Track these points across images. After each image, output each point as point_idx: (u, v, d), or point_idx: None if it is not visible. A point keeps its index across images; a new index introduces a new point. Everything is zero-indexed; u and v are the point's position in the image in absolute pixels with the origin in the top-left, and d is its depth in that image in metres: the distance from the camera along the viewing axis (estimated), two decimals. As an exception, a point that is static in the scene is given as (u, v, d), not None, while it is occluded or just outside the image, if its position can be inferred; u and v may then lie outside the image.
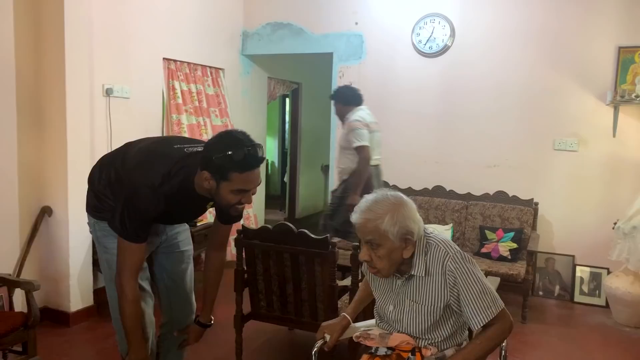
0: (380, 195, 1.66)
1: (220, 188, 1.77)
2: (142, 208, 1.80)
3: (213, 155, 1.73)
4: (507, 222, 4.42)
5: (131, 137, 4.13)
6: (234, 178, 1.74)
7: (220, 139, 1.78)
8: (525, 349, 3.47)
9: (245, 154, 1.71)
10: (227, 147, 1.72)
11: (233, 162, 1.71)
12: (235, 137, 1.77)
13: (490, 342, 1.59)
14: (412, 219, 1.62)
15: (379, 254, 1.64)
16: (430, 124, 4.90)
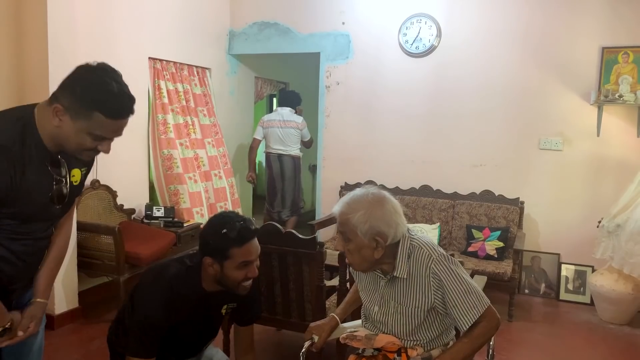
0: (364, 191, 1.67)
1: (224, 268, 1.78)
2: (152, 316, 1.76)
3: (209, 239, 1.79)
4: (494, 221, 4.45)
5: (116, 138, 4.14)
6: (235, 254, 1.76)
7: (211, 223, 1.83)
8: (511, 347, 3.50)
9: (239, 229, 1.76)
10: (220, 227, 1.77)
11: (229, 239, 1.75)
12: (225, 216, 1.83)
13: (477, 340, 1.60)
14: (387, 221, 1.62)
15: (349, 247, 1.66)
16: (417, 123, 4.92)
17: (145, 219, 4.34)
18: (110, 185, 4.10)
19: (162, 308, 1.76)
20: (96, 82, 1.49)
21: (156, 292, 1.78)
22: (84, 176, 1.75)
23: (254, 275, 1.84)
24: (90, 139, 1.51)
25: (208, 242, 1.79)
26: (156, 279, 1.84)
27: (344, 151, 5.20)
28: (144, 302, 1.79)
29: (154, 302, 1.77)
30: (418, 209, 4.71)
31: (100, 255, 3.67)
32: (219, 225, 1.78)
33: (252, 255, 1.81)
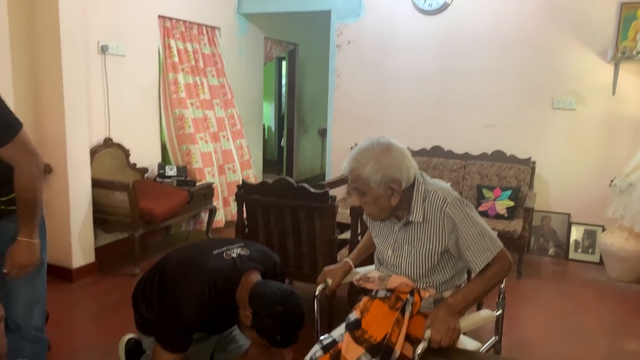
0: (369, 143, 1.66)
1: (254, 338, 1.79)
2: (188, 319, 1.77)
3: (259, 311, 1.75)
4: (505, 181, 4.45)
5: (128, 96, 4.17)
6: (267, 344, 1.78)
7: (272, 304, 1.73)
8: (519, 303, 3.55)
9: (284, 338, 1.75)
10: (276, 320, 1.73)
11: (273, 337, 1.75)
12: (287, 312, 1.74)
13: (490, 281, 1.62)
14: (398, 167, 1.62)
15: (365, 200, 1.67)
16: (428, 83, 4.87)
17: (158, 178, 4.39)
18: (123, 144, 4.13)
19: (199, 303, 1.76)
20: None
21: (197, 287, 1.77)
22: None
23: None
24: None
25: (259, 312, 1.74)
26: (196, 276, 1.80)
27: (355, 111, 5.18)
28: (181, 303, 1.77)
29: (193, 296, 1.76)
30: (429, 170, 4.70)
31: (115, 211, 3.73)
32: (279, 319, 1.72)
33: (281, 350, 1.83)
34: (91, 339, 2.88)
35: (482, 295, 1.65)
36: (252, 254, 1.95)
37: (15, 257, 1.72)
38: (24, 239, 1.73)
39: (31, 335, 1.90)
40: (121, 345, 2.35)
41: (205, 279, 1.78)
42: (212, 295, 1.77)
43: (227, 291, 1.81)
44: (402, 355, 1.62)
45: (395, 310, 1.69)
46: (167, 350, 1.77)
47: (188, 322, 1.76)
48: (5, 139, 1.62)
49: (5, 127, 1.62)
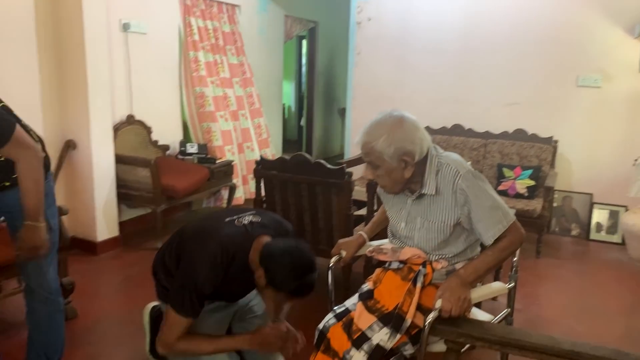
0: (382, 116, 1.67)
1: (272, 294, 1.79)
2: (200, 283, 1.80)
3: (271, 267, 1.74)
4: (526, 160, 4.40)
5: (150, 74, 4.23)
6: (283, 295, 1.77)
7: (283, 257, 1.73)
8: (537, 282, 3.54)
9: (304, 286, 1.73)
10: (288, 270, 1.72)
11: (291, 288, 1.73)
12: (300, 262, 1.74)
13: (501, 253, 1.63)
14: (410, 139, 1.62)
15: (378, 173, 1.68)
16: (450, 61, 4.81)
17: (179, 155, 4.47)
18: (145, 121, 4.20)
19: (212, 267, 1.79)
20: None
21: (208, 253, 1.80)
22: None
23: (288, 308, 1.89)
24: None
25: (270, 267, 1.74)
26: (209, 241, 1.84)
27: (374, 90, 5.15)
28: (194, 268, 1.81)
29: (204, 261, 1.80)
30: (449, 148, 4.66)
31: (138, 187, 3.82)
32: (288, 267, 1.72)
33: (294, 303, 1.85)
34: (115, 308, 2.99)
35: (493, 267, 1.66)
36: (264, 221, 1.98)
37: (24, 240, 1.82)
38: (31, 223, 1.82)
39: (44, 297, 2.00)
40: (146, 312, 2.42)
41: (217, 245, 1.82)
42: (224, 261, 1.81)
43: (239, 257, 1.85)
44: (413, 324, 1.65)
45: (407, 281, 1.71)
46: (178, 314, 1.82)
47: (200, 287, 1.80)
48: (3, 141, 1.72)
49: (1, 130, 1.72)
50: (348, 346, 1.66)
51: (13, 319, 2.76)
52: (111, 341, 2.63)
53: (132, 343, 2.55)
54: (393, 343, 1.63)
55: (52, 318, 2.04)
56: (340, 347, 1.68)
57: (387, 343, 1.62)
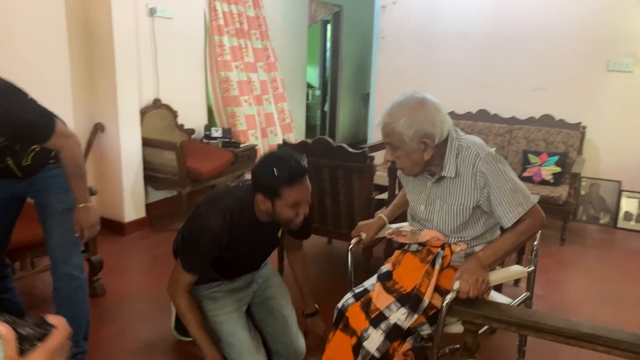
0: (403, 98, 1.67)
1: (276, 206, 1.82)
2: (205, 241, 1.86)
3: (261, 177, 1.81)
4: (552, 146, 4.33)
5: (175, 58, 4.29)
6: (286, 194, 1.79)
7: (263, 161, 1.84)
8: (560, 268, 3.51)
9: (290, 168, 1.77)
10: (272, 165, 1.78)
11: (280, 179, 1.77)
12: (278, 154, 1.84)
13: (521, 236, 1.63)
14: (431, 122, 1.62)
15: (398, 155, 1.69)
16: (475, 45, 4.73)
17: (204, 139, 4.54)
18: (171, 105, 4.28)
19: (213, 233, 1.84)
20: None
21: (210, 219, 1.86)
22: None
23: (305, 214, 1.86)
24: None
25: (260, 179, 1.81)
26: (210, 209, 1.90)
27: (399, 75, 5.12)
28: (201, 226, 1.88)
29: (206, 227, 1.85)
30: (474, 134, 4.54)
31: (164, 169, 3.91)
32: (270, 164, 1.78)
33: (303, 195, 1.82)
34: (142, 286, 3.09)
35: (512, 250, 1.66)
36: None
37: (82, 221, 1.98)
38: (83, 205, 1.98)
39: (69, 273, 2.07)
40: None
41: (222, 205, 1.89)
42: (228, 218, 1.86)
43: (243, 212, 1.89)
44: (431, 305, 1.67)
45: (426, 263, 1.73)
46: (183, 269, 1.90)
47: (206, 245, 1.86)
48: (49, 135, 1.84)
49: (45, 126, 1.84)
50: (366, 325, 1.69)
51: (45, 294, 2.88)
52: (138, 317, 2.72)
53: (158, 319, 2.64)
54: (410, 323, 1.65)
55: (76, 294, 2.10)
56: (358, 325, 1.71)
57: (404, 323, 1.65)
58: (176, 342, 2.46)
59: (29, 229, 2.51)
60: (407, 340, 1.69)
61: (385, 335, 1.65)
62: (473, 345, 1.57)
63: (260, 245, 2.06)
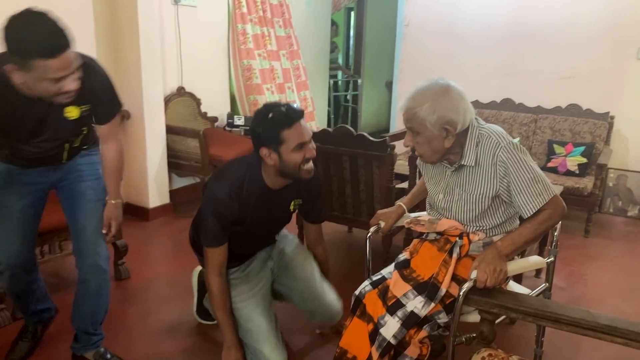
0: (428, 83, 1.66)
1: (282, 155, 1.83)
2: (219, 211, 1.90)
3: (259, 129, 1.83)
4: (578, 137, 4.24)
5: (199, 46, 4.32)
6: (287, 136, 1.80)
7: (256, 115, 1.87)
8: (584, 260, 3.46)
9: (284, 111, 1.81)
10: (266, 114, 1.82)
11: (278, 122, 1.80)
12: (267, 105, 1.88)
13: (540, 226, 1.61)
14: (455, 109, 1.61)
15: (418, 140, 1.68)
16: (500, 33, 4.65)
17: (227, 127, 4.58)
18: (195, 93, 4.33)
19: (224, 202, 1.88)
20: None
21: (219, 190, 1.89)
22: (84, 112, 1.84)
23: (312, 155, 1.87)
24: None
25: (259, 133, 1.83)
26: (219, 180, 1.94)
27: (422, 63, 5.07)
28: (210, 196, 1.92)
29: (216, 197, 1.89)
30: (497, 123, 4.52)
31: (188, 156, 3.97)
32: (264, 113, 1.82)
33: (304, 135, 1.84)
34: (165, 271, 3.16)
35: (531, 240, 1.65)
36: None
37: (112, 216, 2.04)
38: (116, 201, 2.04)
39: (98, 264, 2.03)
40: (194, 275, 2.56)
41: (227, 176, 1.93)
42: (236, 186, 1.89)
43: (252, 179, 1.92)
44: (448, 294, 1.68)
45: (444, 252, 1.73)
46: (206, 246, 1.96)
47: (218, 213, 1.89)
48: (113, 114, 1.92)
49: (116, 103, 1.92)
50: (383, 312, 1.70)
51: (72, 277, 2.97)
52: (160, 300, 2.79)
53: (181, 303, 2.70)
54: (427, 311, 1.66)
55: (102, 286, 2.09)
56: (375, 312, 1.72)
57: (421, 311, 1.66)
58: (197, 326, 2.52)
59: (57, 213, 2.59)
60: (424, 328, 1.71)
61: (401, 323, 1.66)
62: (490, 334, 1.57)
63: (272, 216, 2.08)
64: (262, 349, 2.00)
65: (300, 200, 2.11)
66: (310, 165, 1.89)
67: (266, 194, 1.95)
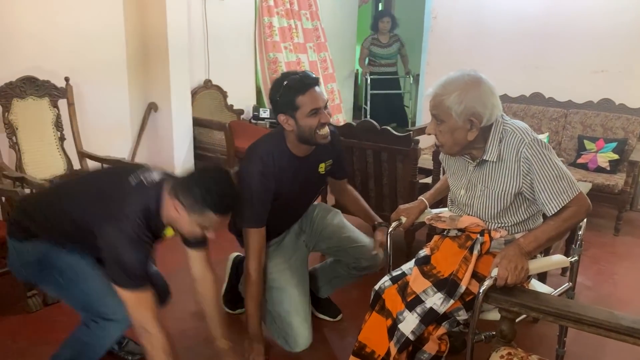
0: (460, 73, 1.63)
1: (298, 120, 1.89)
2: (255, 189, 1.95)
3: (276, 97, 1.90)
4: (610, 132, 4.13)
5: (225, 40, 4.36)
6: (301, 101, 1.87)
7: (274, 83, 1.94)
8: (613, 259, 3.38)
9: (299, 78, 1.87)
10: (281, 82, 1.89)
11: (292, 89, 1.86)
12: (284, 73, 1.95)
13: (564, 223, 1.58)
14: (483, 102, 1.59)
15: (441, 129, 1.66)
16: (531, 24, 4.54)
17: (252, 120, 4.62)
18: (221, 86, 4.38)
19: (260, 177, 1.93)
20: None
21: (252, 167, 1.96)
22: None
23: (326, 120, 1.93)
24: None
25: (276, 100, 1.91)
26: (249, 159, 2.01)
27: (450, 56, 4.99)
28: (244, 178, 1.98)
29: (252, 174, 1.94)
30: (526, 118, 4.47)
31: (214, 149, 4.03)
32: (281, 80, 1.90)
33: (318, 101, 1.90)
34: (190, 261, 3.22)
35: (555, 238, 1.62)
36: None
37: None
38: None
39: None
40: (230, 259, 2.61)
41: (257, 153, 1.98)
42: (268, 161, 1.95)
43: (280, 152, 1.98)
44: (468, 291, 1.67)
45: (464, 249, 1.72)
46: (247, 226, 2.00)
47: (258, 192, 1.95)
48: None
49: None
50: (402, 308, 1.70)
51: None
52: (186, 289, 2.82)
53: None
54: (446, 308, 1.66)
55: None
56: (394, 308, 1.73)
57: (440, 307, 1.65)
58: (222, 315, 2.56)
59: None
60: (443, 324, 1.71)
61: (420, 319, 1.66)
62: (509, 333, 1.56)
63: (306, 183, 2.13)
64: (291, 321, 2.05)
65: (330, 161, 2.17)
66: (325, 130, 1.95)
67: (295, 162, 2.01)
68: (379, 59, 6.08)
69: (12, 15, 2.98)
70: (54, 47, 3.20)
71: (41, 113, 3.00)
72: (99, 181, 1.81)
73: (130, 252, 1.59)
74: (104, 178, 1.83)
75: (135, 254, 1.60)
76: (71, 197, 1.75)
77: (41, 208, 1.77)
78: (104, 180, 1.80)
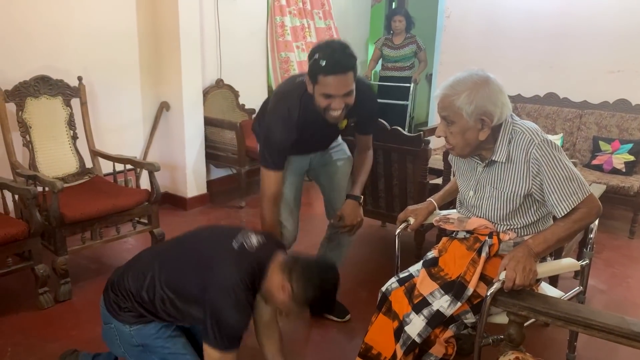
0: (468, 73, 1.61)
1: (314, 91, 1.93)
2: (277, 138, 2.02)
3: (310, 60, 1.91)
4: (626, 133, 4.06)
5: (238, 39, 4.37)
6: (322, 81, 1.89)
7: (315, 47, 1.93)
8: (628, 263, 3.32)
9: (330, 58, 1.84)
10: (317, 52, 1.88)
11: (319, 66, 1.86)
12: (327, 43, 1.92)
13: (574, 224, 1.56)
14: (493, 101, 1.56)
15: (452, 130, 1.63)
16: (545, 24, 4.48)
17: (263, 119, 4.62)
18: (233, 85, 4.39)
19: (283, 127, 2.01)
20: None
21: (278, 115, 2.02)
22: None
23: (337, 108, 1.94)
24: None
25: (309, 63, 1.93)
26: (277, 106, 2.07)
27: (463, 55, 4.95)
28: (269, 121, 2.06)
29: (277, 122, 2.02)
30: (540, 118, 4.42)
31: (224, 148, 4.04)
32: (317, 51, 1.90)
33: (336, 89, 1.90)
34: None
35: (564, 239, 1.59)
36: None
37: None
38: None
39: None
40: None
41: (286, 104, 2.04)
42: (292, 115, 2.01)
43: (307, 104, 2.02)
44: (476, 294, 1.65)
45: (473, 251, 1.70)
46: (267, 169, 2.09)
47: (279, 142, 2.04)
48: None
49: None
50: (408, 310, 1.69)
51: (111, 261, 3.09)
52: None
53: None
54: (453, 310, 1.64)
55: None
56: (401, 310, 1.72)
57: (447, 310, 1.64)
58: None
59: (96, 202, 2.70)
60: (450, 327, 1.69)
61: (426, 321, 1.65)
62: (517, 336, 1.54)
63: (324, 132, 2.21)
64: None
65: (354, 119, 2.19)
66: (335, 113, 1.97)
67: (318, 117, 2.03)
68: (388, 61, 5.53)
69: (25, 15, 3.02)
70: (67, 47, 3.23)
71: (54, 112, 3.03)
72: (199, 246, 1.78)
73: (236, 315, 1.59)
74: (205, 244, 1.78)
75: (240, 317, 1.60)
76: (169, 265, 1.73)
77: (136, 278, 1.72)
78: (205, 247, 1.76)
